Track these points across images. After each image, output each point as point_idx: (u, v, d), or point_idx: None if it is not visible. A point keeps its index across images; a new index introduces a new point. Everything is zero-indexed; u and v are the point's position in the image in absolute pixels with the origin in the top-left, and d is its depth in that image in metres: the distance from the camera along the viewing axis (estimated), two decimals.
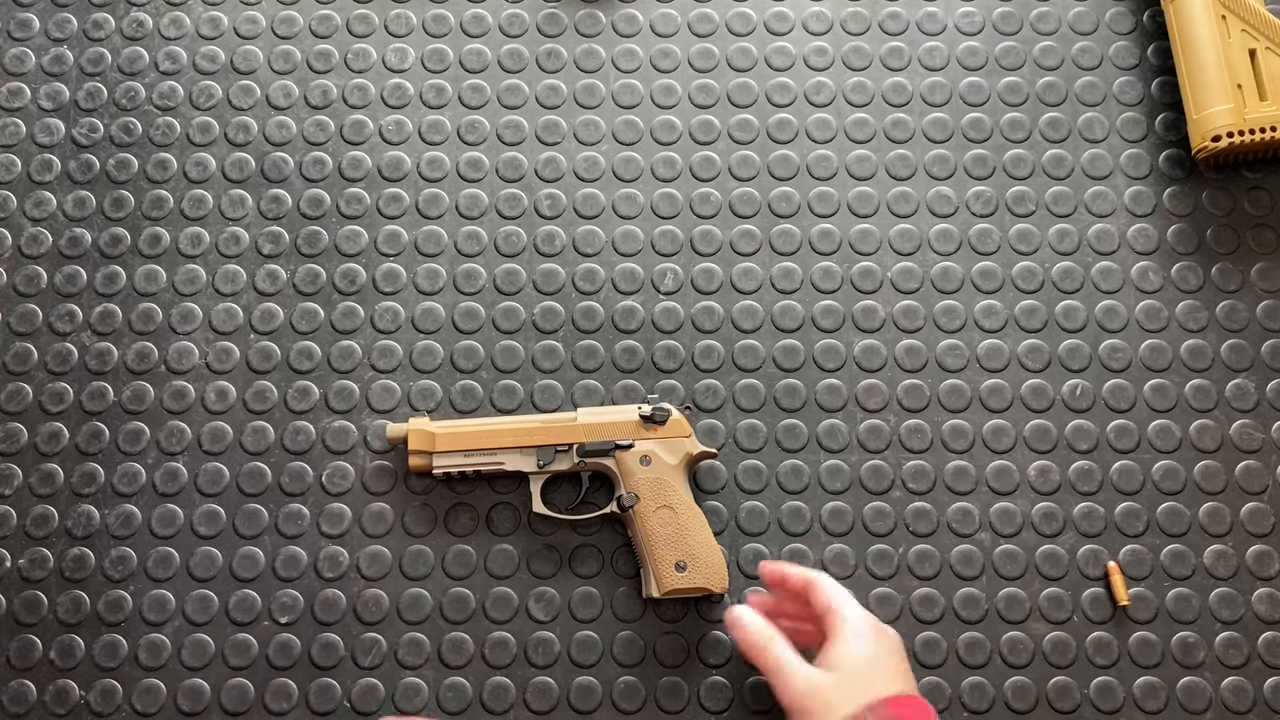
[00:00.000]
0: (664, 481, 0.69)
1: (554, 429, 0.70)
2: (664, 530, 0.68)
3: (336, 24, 0.79)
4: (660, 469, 0.69)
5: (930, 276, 0.74)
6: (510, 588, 0.69)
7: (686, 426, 0.70)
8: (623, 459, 0.69)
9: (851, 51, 0.78)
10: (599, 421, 0.70)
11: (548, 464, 0.70)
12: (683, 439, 0.70)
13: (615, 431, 0.70)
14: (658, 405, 0.70)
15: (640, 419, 0.70)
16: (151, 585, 0.69)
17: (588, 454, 0.70)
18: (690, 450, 0.69)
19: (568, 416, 0.71)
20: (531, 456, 0.70)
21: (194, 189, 0.76)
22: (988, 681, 0.68)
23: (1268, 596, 0.69)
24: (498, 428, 0.70)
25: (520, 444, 0.70)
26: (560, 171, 0.76)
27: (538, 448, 0.70)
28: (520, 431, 0.70)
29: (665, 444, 0.69)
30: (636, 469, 0.69)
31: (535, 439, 0.70)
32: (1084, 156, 0.76)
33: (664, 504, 0.68)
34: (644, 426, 0.70)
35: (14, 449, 0.72)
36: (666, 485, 0.69)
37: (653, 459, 0.69)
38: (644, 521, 0.68)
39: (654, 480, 0.69)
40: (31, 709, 0.67)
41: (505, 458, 0.70)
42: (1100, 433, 0.71)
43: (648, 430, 0.70)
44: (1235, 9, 0.74)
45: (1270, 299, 0.73)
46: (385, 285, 0.74)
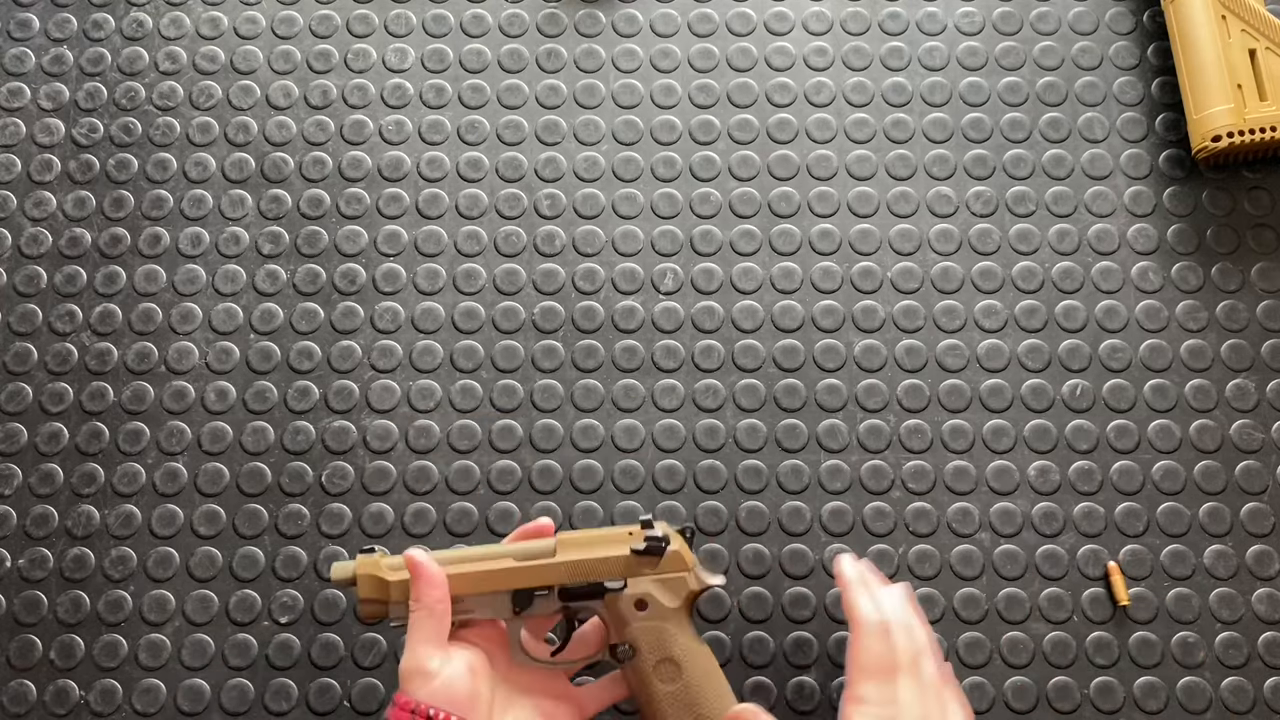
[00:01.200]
0: (664, 630, 0.59)
1: (527, 571, 0.60)
2: (669, 690, 0.59)
3: (336, 24, 0.79)
4: (659, 614, 0.59)
5: (930, 276, 0.74)
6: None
7: (688, 558, 0.61)
8: (614, 603, 0.60)
9: (851, 51, 0.78)
10: (581, 559, 0.60)
11: (524, 610, 0.60)
12: (683, 575, 0.60)
13: (602, 570, 0.60)
14: (651, 536, 0.60)
15: (632, 553, 0.60)
16: (151, 585, 0.69)
17: (571, 598, 0.60)
18: (693, 587, 0.60)
19: (545, 547, 0.61)
20: (505, 602, 0.60)
21: (194, 189, 0.76)
22: (988, 681, 0.68)
23: (1268, 596, 0.69)
24: (466, 571, 0.60)
25: (490, 589, 0.60)
26: (560, 171, 0.76)
27: (511, 593, 0.60)
28: (488, 576, 0.60)
29: (664, 582, 0.60)
30: (631, 615, 0.59)
31: (506, 583, 0.60)
32: (1084, 156, 0.76)
33: (666, 656, 0.59)
34: (637, 562, 0.60)
35: (14, 449, 0.72)
36: (667, 634, 0.59)
37: (650, 603, 0.60)
38: (644, 680, 0.59)
39: (653, 629, 0.59)
40: (31, 709, 0.67)
41: (476, 605, 0.60)
42: (1100, 433, 0.71)
43: (642, 566, 0.60)
44: (1235, 9, 0.74)
45: (1270, 299, 0.73)
46: (385, 285, 0.74)
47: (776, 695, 0.67)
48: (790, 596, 0.69)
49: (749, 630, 0.68)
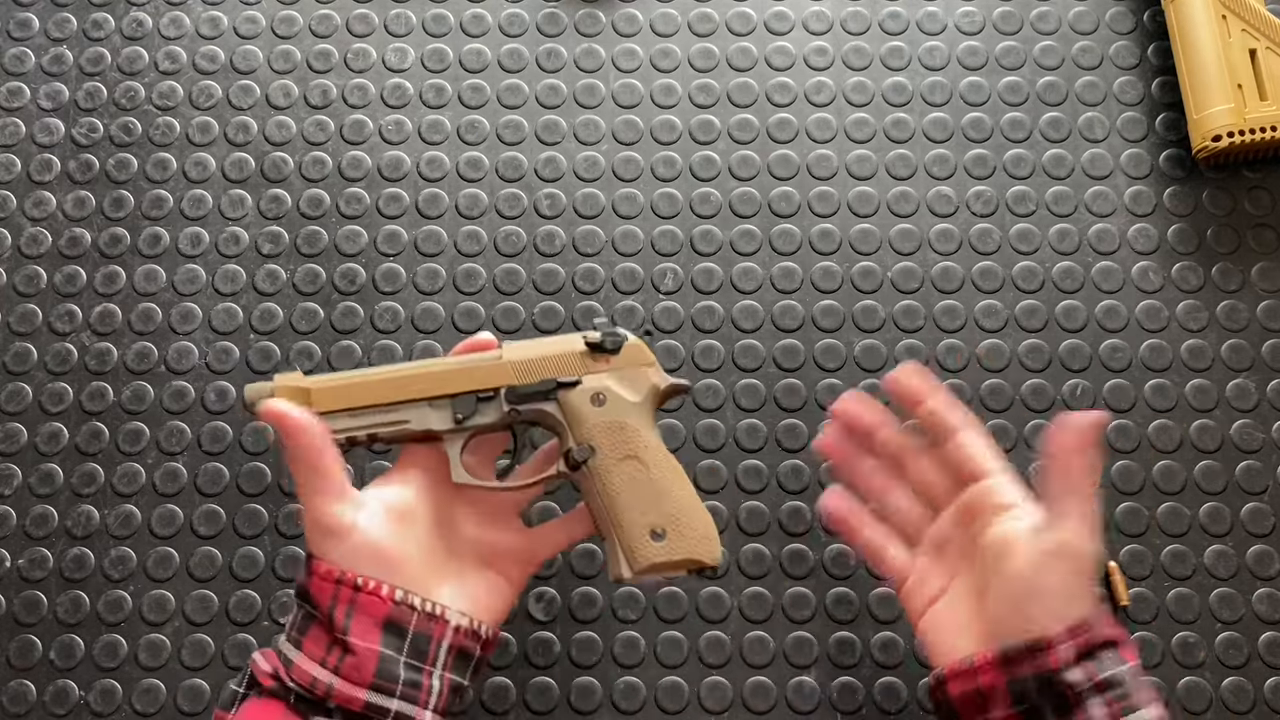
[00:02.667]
0: (626, 425, 0.54)
1: (472, 371, 0.54)
2: (631, 489, 0.53)
3: (336, 24, 0.79)
4: (619, 409, 0.54)
5: (930, 276, 0.74)
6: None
7: (647, 353, 0.56)
8: (568, 401, 0.54)
9: (851, 51, 0.78)
10: (532, 356, 0.55)
11: (467, 418, 0.54)
12: (645, 368, 0.55)
13: (554, 367, 0.54)
14: (609, 330, 0.55)
15: (587, 348, 0.55)
16: (151, 585, 0.69)
17: (520, 399, 0.54)
18: (656, 382, 0.55)
19: (490, 354, 0.55)
20: (445, 410, 0.54)
21: (194, 189, 0.76)
22: None
23: (1268, 596, 0.69)
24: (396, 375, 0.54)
25: (428, 394, 0.54)
26: (560, 171, 0.76)
27: (451, 397, 0.54)
28: (426, 377, 0.54)
29: (623, 376, 0.55)
30: (588, 412, 0.54)
31: (447, 386, 0.54)
32: (1084, 156, 0.76)
33: (628, 454, 0.54)
34: (592, 358, 0.55)
35: (14, 449, 0.72)
36: (629, 430, 0.54)
37: (608, 397, 0.54)
38: (604, 480, 0.53)
39: (612, 425, 0.54)
40: (31, 709, 0.67)
41: (410, 414, 0.54)
42: (1100, 432, 0.71)
43: (598, 362, 0.55)
44: (1235, 9, 0.74)
45: (1270, 299, 0.73)
46: (385, 285, 0.74)
47: (777, 695, 0.67)
48: (790, 597, 0.69)
49: (749, 630, 0.68)
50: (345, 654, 0.52)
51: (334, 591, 0.52)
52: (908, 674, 0.68)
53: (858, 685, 0.67)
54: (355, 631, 0.51)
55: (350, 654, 0.52)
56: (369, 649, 0.51)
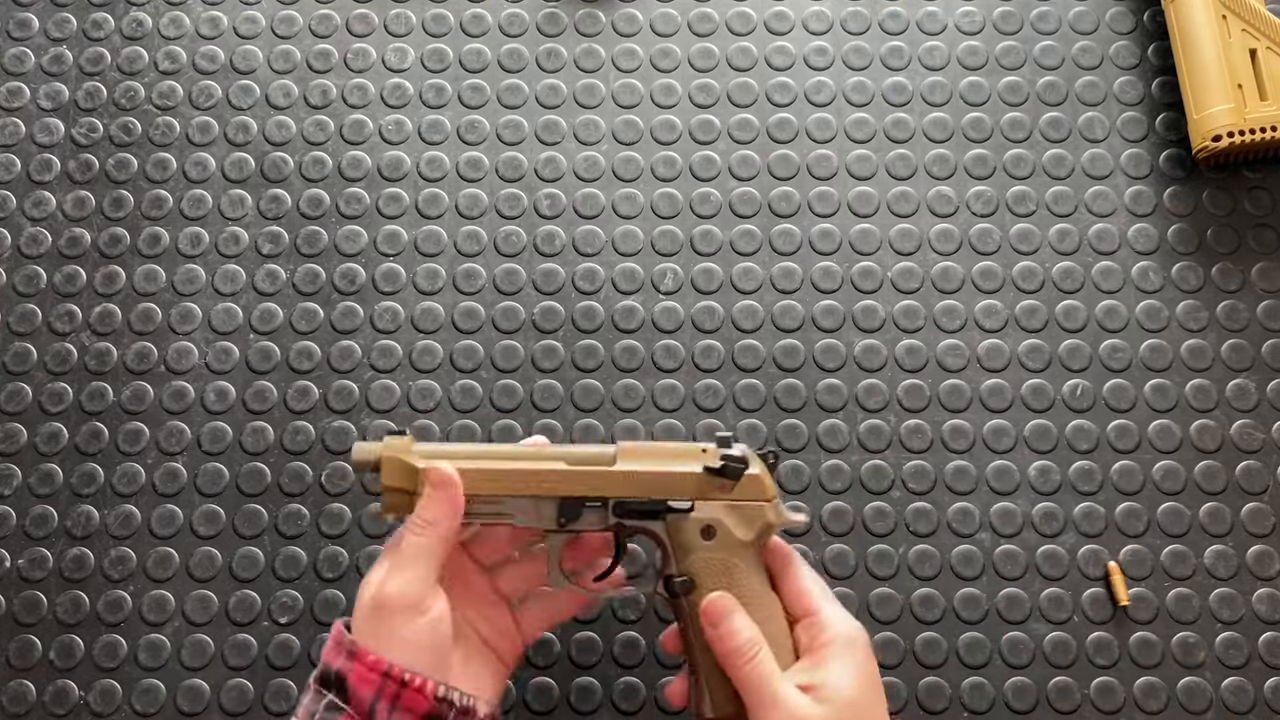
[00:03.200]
0: (732, 565, 0.51)
1: (582, 476, 0.52)
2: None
3: (336, 24, 0.79)
4: (728, 545, 0.51)
5: (930, 276, 0.74)
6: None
7: (769, 485, 0.53)
8: (677, 527, 0.52)
9: (851, 51, 0.78)
10: (645, 471, 0.52)
11: (571, 522, 0.52)
12: (762, 504, 0.52)
13: (669, 487, 0.52)
14: (729, 455, 0.52)
15: (705, 471, 0.52)
16: (151, 585, 0.69)
17: (628, 514, 0.52)
18: (771, 520, 0.52)
19: (604, 454, 0.53)
20: (551, 510, 0.53)
21: (194, 189, 0.76)
22: (988, 681, 0.68)
23: (1268, 597, 0.69)
24: (506, 468, 0.52)
25: (534, 492, 0.52)
26: (560, 171, 0.76)
27: (559, 500, 0.52)
28: (536, 476, 0.52)
29: (737, 510, 0.52)
30: (695, 543, 0.52)
31: (556, 487, 0.52)
32: (1084, 156, 0.76)
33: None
34: (709, 483, 0.52)
35: (13, 449, 0.72)
36: (735, 570, 0.51)
37: (718, 531, 0.52)
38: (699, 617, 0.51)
39: (718, 562, 0.51)
40: (31, 709, 0.67)
41: (515, 507, 0.53)
42: (1100, 433, 0.71)
43: (715, 488, 0.52)
44: (1235, 9, 0.74)
45: (1271, 299, 0.73)
46: (385, 285, 0.74)
47: None
48: None
49: None
50: None
51: (379, 685, 0.50)
52: (908, 673, 0.68)
53: None
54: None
55: None
56: None
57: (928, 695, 0.67)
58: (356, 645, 0.51)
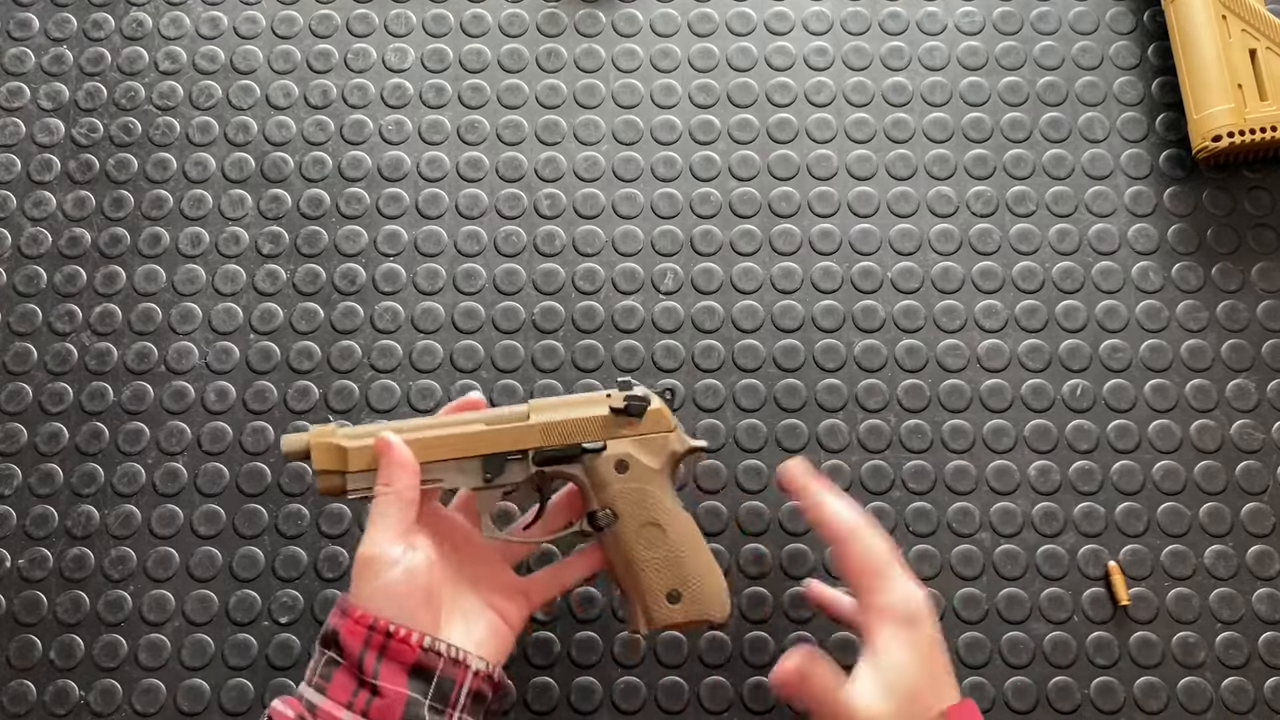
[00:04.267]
0: (646, 492, 0.56)
1: (500, 434, 0.56)
2: (651, 555, 0.56)
3: (336, 24, 0.79)
4: (641, 475, 0.56)
5: (930, 276, 0.74)
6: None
7: (669, 418, 0.58)
8: (593, 466, 0.56)
9: (851, 51, 0.78)
10: (558, 419, 0.56)
11: (496, 477, 0.56)
12: (666, 435, 0.57)
13: (580, 431, 0.57)
14: (632, 395, 0.57)
15: (611, 413, 0.57)
16: (151, 585, 0.69)
17: (547, 461, 0.57)
18: (676, 448, 0.58)
19: (517, 412, 0.57)
20: (475, 470, 0.57)
21: (194, 189, 0.76)
22: (988, 681, 0.68)
23: (1268, 596, 0.69)
24: (432, 435, 0.56)
25: (458, 454, 0.56)
26: (560, 171, 0.76)
27: (481, 458, 0.56)
28: (457, 440, 0.56)
29: (645, 443, 0.57)
30: (611, 478, 0.56)
31: (477, 447, 0.56)
32: (1084, 156, 0.76)
33: (649, 520, 0.56)
34: (616, 423, 0.57)
35: (14, 449, 0.72)
36: (650, 496, 0.56)
37: (630, 464, 0.57)
38: (625, 545, 0.56)
39: (634, 491, 0.56)
40: (31, 709, 0.67)
41: (443, 473, 0.56)
42: (1100, 433, 0.71)
43: (621, 427, 0.57)
44: (1235, 9, 0.74)
45: (1270, 299, 0.73)
46: (385, 285, 0.74)
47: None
48: (790, 596, 0.69)
49: (749, 630, 0.68)
50: (373, 697, 0.53)
51: (365, 637, 0.53)
52: None
53: None
54: (384, 675, 0.53)
55: (378, 696, 0.53)
56: (397, 692, 0.53)
57: None
58: (347, 602, 0.55)
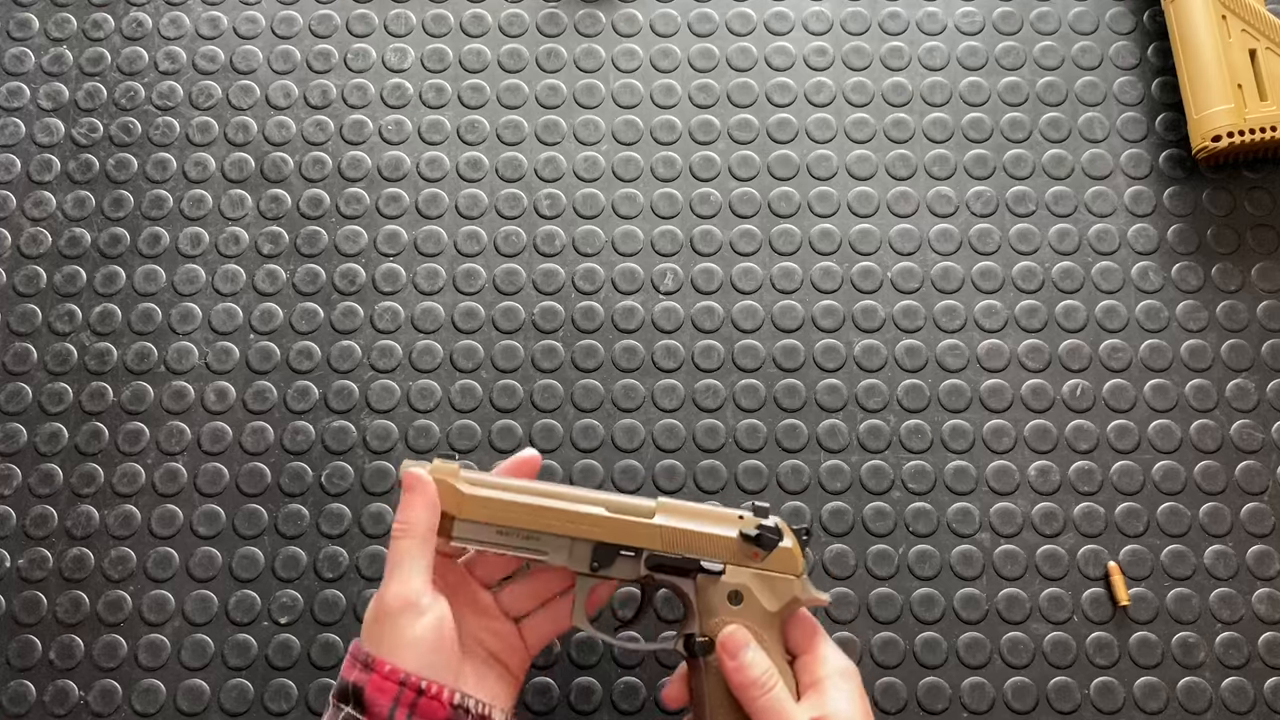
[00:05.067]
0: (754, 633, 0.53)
1: (621, 525, 0.53)
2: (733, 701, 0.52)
3: (336, 24, 0.79)
4: (753, 614, 0.53)
5: (930, 276, 0.74)
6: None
7: (799, 560, 0.54)
8: (705, 587, 0.53)
9: (851, 51, 0.78)
10: (684, 528, 0.53)
11: (603, 567, 0.54)
12: (790, 578, 0.54)
13: (703, 546, 0.53)
14: (764, 525, 0.54)
15: (740, 537, 0.53)
16: (151, 585, 0.69)
17: (659, 568, 0.53)
18: (798, 595, 0.54)
19: (643, 506, 0.54)
20: (585, 553, 0.54)
21: (194, 189, 0.76)
22: (988, 681, 0.68)
23: (1268, 597, 0.69)
24: (552, 506, 0.53)
25: (575, 534, 0.53)
26: (560, 171, 0.76)
27: (594, 544, 0.53)
28: (577, 518, 0.53)
29: (767, 580, 0.53)
30: (722, 606, 0.53)
31: (594, 532, 0.53)
32: (1084, 156, 0.76)
33: None
34: (743, 549, 0.53)
35: (13, 449, 0.72)
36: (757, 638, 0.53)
37: (745, 597, 0.53)
38: (714, 680, 0.52)
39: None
40: (31, 709, 0.67)
41: (550, 546, 0.54)
42: (1100, 433, 0.71)
43: (747, 556, 0.53)
44: (1235, 9, 0.74)
45: (1270, 299, 0.73)
46: (385, 285, 0.74)
47: None
48: None
49: None
50: None
51: (396, 693, 0.51)
52: (908, 673, 0.68)
53: None
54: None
55: None
56: None
57: (928, 695, 0.67)
58: (372, 656, 0.52)
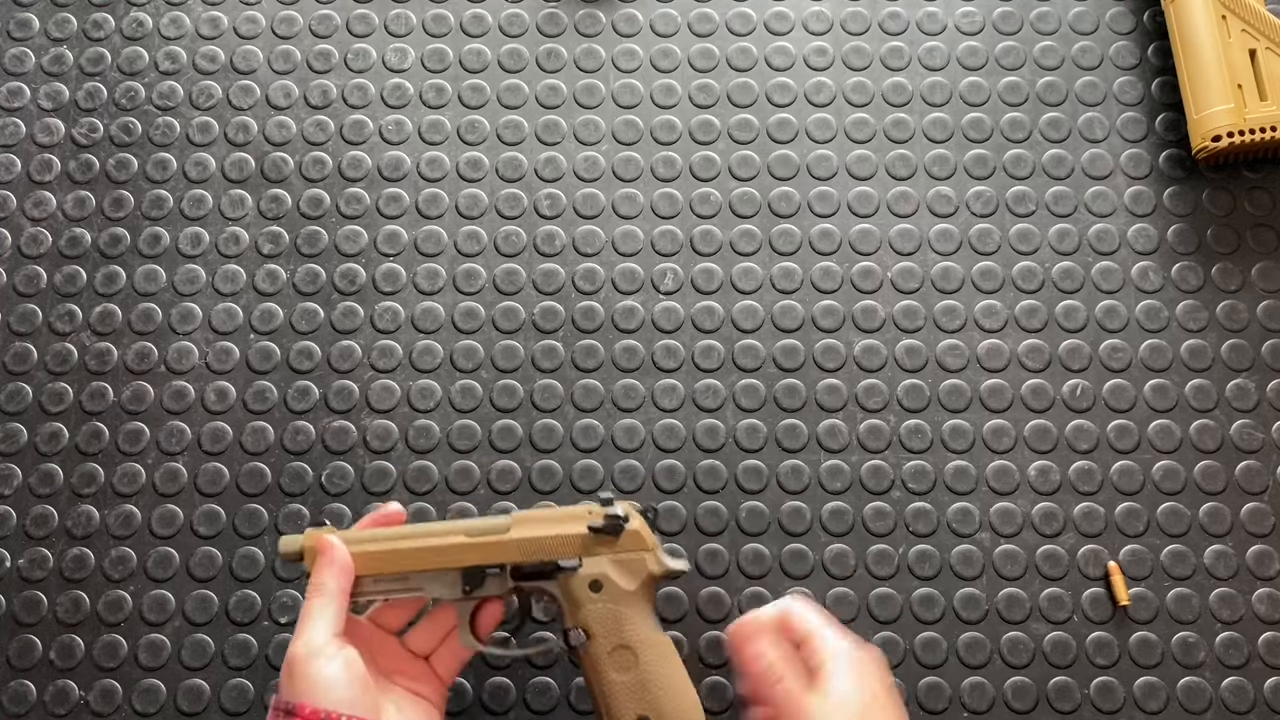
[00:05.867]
0: (620, 614, 0.56)
1: (479, 547, 0.57)
2: (622, 679, 0.56)
3: (336, 24, 0.79)
4: (615, 596, 0.56)
5: (930, 276, 0.74)
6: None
7: (647, 537, 0.58)
8: (568, 584, 0.57)
9: (851, 51, 0.78)
10: (535, 536, 0.57)
11: (475, 589, 0.58)
12: (643, 554, 0.57)
13: (556, 548, 0.57)
14: (610, 513, 0.57)
15: (589, 531, 0.57)
16: (151, 585, 0.69)
17: (524, 577, 0.57)
18: (653, 570, 0.57)
19: (499, 524, 0.58)
20: (455, 581, 0.58)
21: (194, 189, 0.76)
22: (988, 681, 0.68)
23: (1268, 596, 0.69)
24: (411, 546, 0.58)
25: (439, 566, 0.57)
26: (560, 171, 0.76)
27: (461, 570, 0.58)
28: (437, 551, 0.57)
29: (621, 563, 0.57)
30: (585, 597, 0.57)
31: (457, 559, 0.57)
32: (1084, 156, 0.76)
33: (621, 643, 0.56)
34: (593, 540, 0.57)
35: (14, 449, 0.72)
36: (623, 618, 0.56)
37: (605, 584, 0.57)
38: (597, 667, 0.56)
39: (607, 612, 0.56)
40: (31, 709, 0.67)
41: (424, 583, 0.58)
42: (1100, 433, 0.71)
43: (598, 545, 0.57)
44: (1235, 9, 0.74)
45: (1270, 299, 0.73)
46: (385, 285, 0.74)
47: None
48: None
49: None
50: None
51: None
52: (908, 674, 0.68)
53: None
54: None
55: None
56: None
57: (928, 695, 0.67)
58: (293, 702, 0.53)
